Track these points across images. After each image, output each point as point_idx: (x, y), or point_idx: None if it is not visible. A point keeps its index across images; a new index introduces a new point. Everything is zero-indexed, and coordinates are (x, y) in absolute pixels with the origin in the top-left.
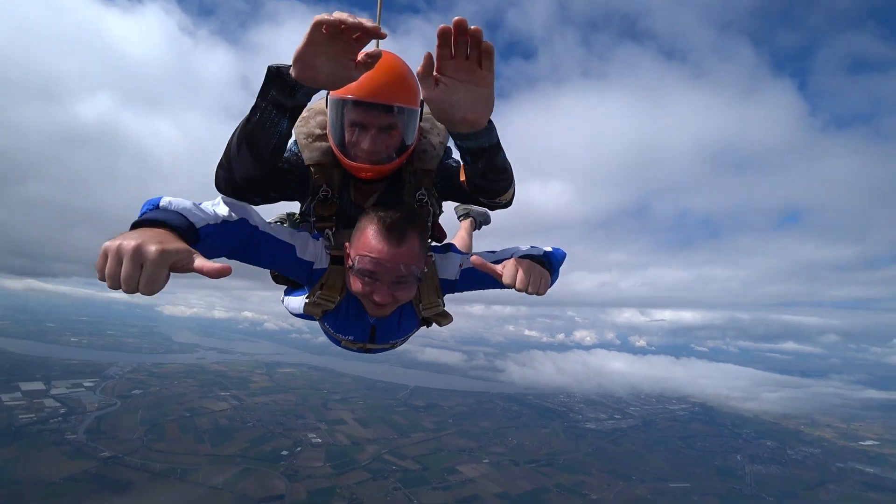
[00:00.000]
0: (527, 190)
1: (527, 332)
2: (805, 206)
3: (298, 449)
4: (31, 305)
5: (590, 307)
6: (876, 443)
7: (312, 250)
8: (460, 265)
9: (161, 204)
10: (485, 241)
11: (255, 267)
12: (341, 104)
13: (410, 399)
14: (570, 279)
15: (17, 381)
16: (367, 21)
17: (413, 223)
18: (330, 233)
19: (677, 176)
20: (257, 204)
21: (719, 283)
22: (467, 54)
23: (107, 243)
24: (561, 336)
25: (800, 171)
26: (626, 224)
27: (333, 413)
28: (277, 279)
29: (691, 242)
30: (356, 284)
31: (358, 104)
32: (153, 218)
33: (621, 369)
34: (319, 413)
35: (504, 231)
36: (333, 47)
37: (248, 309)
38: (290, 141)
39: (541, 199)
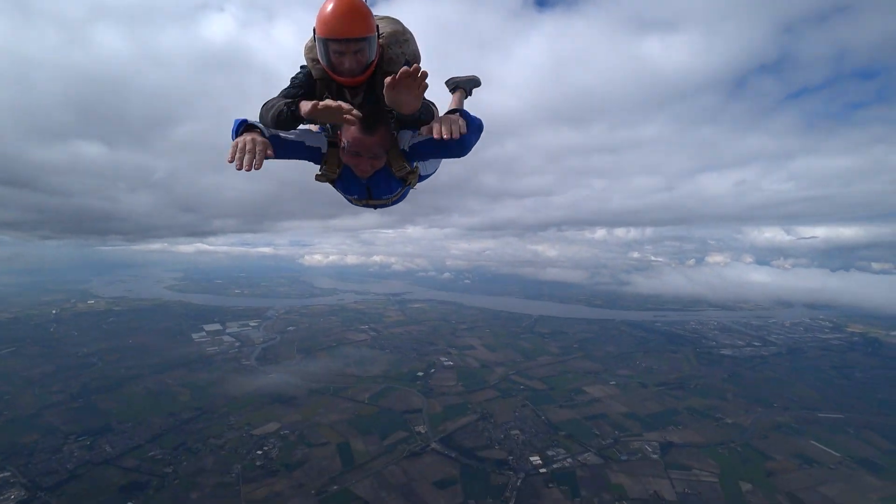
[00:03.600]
0: (645, 50)
1: (653, 259)
2: None
3: (432, 371)
4: (202, 266)
5: (725, 222)
6: None
7: (316, 140)
8: (410, 137)
9: (249, 121)
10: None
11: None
12: (325, 42)
13: (535, 327)
14: (700, 182)
15: (201, 324)
16: None
17: (381, 119)
18: (328, 126)
19: None
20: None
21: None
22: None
23: (235, 140)
24: (691, 262)
25: None
26: (765, 87)
27: (462, 340)
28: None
29: (853, 113)
30: (347, 159)
31: (336, 40)
32: (251, 124)
33: (763, 280)
34: (449, 340)
35: (627, 105)
36: None
37: (377, 252)
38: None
39: (661, 60)
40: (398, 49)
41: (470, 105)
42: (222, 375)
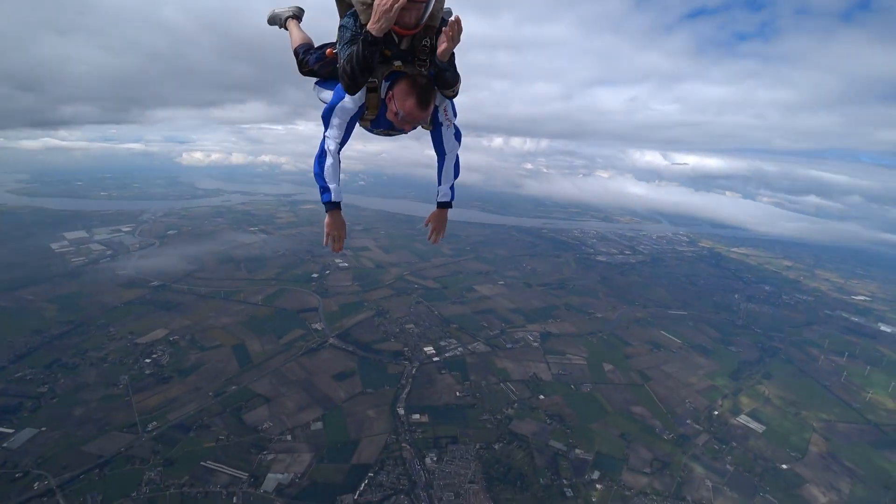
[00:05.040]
0: None
1: (545, 171)
2: None
3: (327, 272)
4: (54, 166)
5: (613, 140)
6: (868, 298)
7: (361, 99)
8: (444, 108)
9: (330, 189)
10: None
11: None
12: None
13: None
14: (596, 95)
15: (61, 232)
16: None
17: (434, 92)
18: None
19: None
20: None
21: (759, 108)
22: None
23: (326, 230)
24: (580, 176)
25: None
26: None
27: (357, 241)
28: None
29: (738, 44)
30: (399, 123)
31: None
32: (333, 203)
33: (640, 193)
34: (344, 241)
35: None
36: None
37: (266, 152)
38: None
39: None
40: (439, 5)
41: None
42: (94, 286)
